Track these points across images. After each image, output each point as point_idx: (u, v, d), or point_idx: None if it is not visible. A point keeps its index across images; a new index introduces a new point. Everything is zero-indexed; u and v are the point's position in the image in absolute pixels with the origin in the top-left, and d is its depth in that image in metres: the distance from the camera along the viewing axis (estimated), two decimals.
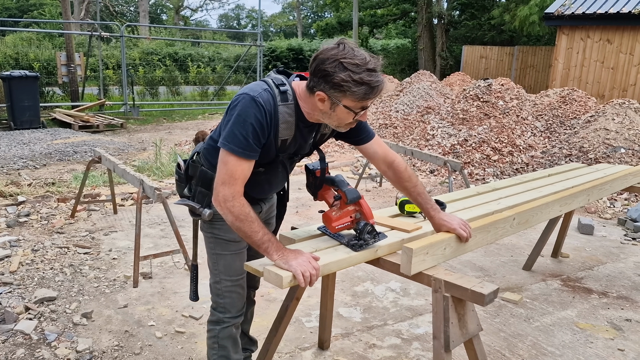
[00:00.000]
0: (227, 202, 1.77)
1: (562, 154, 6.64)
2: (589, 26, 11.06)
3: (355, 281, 3.70)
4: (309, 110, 1.84)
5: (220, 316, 2.12)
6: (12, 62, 17.05)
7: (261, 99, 1.76)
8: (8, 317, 2.95)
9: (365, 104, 1.76)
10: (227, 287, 2.09)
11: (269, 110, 1.78)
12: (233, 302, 2.11)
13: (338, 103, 1.73)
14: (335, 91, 1.71)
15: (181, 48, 23.32)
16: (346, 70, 1.67)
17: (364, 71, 1.68)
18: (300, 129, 1.89)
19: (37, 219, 4.73)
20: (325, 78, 1.71)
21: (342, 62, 1.67)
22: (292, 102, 1.83)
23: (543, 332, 3.05)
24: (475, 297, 1.83)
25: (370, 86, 1.69)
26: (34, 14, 32.39)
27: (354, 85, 1.67)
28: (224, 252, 2.08)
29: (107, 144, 8.89)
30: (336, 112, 1.76)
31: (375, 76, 1.70)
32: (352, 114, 1.77)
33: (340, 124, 1.83)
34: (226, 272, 2.08)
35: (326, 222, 2.05)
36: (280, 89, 1.82)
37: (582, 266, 4.09)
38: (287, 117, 1.83)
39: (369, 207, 2.00)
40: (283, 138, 1.86)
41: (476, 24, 22.02)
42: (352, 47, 1.72)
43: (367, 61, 1.69)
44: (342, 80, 1.67)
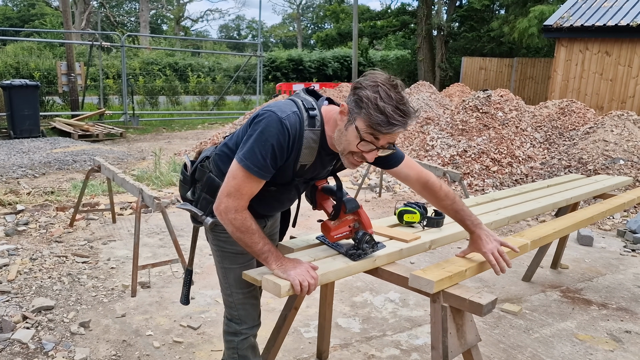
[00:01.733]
0: (228, 214, 1.75)
1: (561, 165, 6.65)
2: (587, 38, 11.13)
3: (354, 291, 3.69)
4: (329, 127, 1.79)
5: (237, 328, 2.09)
6: (13, 71, 17.15)
7: (288, 122, 1.70)
8: (5, 326, 2.93)
9: (376, 135, 1.65)
10: (239, 299, 2.06)
11: (294, 135, 1.72)
12: (248, 314, 2.09)
13: (352, 121, 1.66)
14: (355, 105, 1.66)
15: (181, 58, 23.45)
16: (376, 94, 1.61)
17: (393, 106, 1.60)
18: (321, 156, 1.84)
19: (35, 228, 4.72)
20: (355, 90, 1.67)
21: (379, 86, 1.62)
22: (319, 128, 1.78)
23: (542, 343, 3.03)
24: (473, 308, 1.83)
25: (389, 120, 1.60)
26: (35, 23, 32.59)
27: (374, 108, 1.60)
28: (232, 266, 2.04)
29: (107, 153, 8.90)
30: (347, 131, 1.69)
31: (400, 116, 1.61)
32: (357, 140, 1.67)
33: (345, 149, 1.73)
34: (237, 285, 2.05)
35: (325, 232, 2.05)
36: (309, 114, 1.77)
37: (581, 277, 4.09)
38: (311, 143, 1.77)
39: (368, 217, 2.00)
40: (303, 163, 1.82)
41: (475, 35, 22.17)
42: (399, 85, 1.65)
43: (403, 102, 1.62)
44: (365, 97, 1.62)
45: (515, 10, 18.12)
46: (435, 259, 4.26)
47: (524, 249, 2.33)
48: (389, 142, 1.70)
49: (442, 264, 2.01)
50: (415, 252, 2.25)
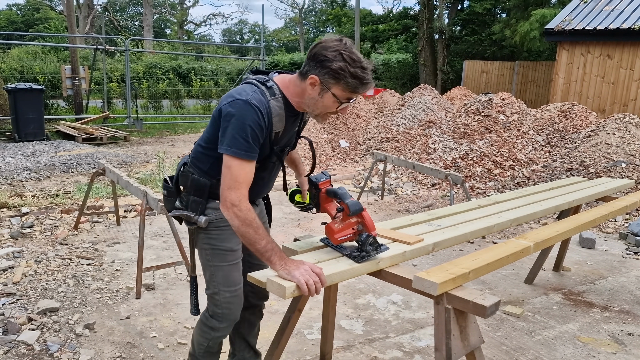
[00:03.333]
0: (234, 206, 1.82)
1: (563, 168, 6.66)
2: (589, 42, 11.14)
3: (356, 293, 3.70)
4: (297, 98, 1.95)
5: (217, 325, 2.14)
6: (18, 75, 17.22)
7: (254, 101, 1.85)
8: (11, 328, 2.95)
9: (351, 96, 1.88)
10: (225, 298, 2.11)
11: (264, 109, 1.87)
12: (231, 313, 2.13)
13: (328, 90, 1.86)
14: (329, 77, 1.83)
15: (184, 62, 23.52)
16: (344, 61, 1.80)
17: (359, 67, 1.82)
18: (288, 120, 2.00)
19: (40, 230, 4.75)
20: (322, 63, 1.82)
21: (342, 53, 1.80)
22: (279, 95, 1.94)
23: (545, 345, 3.04)
24: (476, 309, 1.84)
25: (361, 82, 1.83)
26: (40, 27, 32.75)
27: (349, 76, 1.81)
28: (221, 264, 2.09)
29: (111, 156, 8.94)
30: (323, 98, 1.88)
31: (367, 74, 1.84)
32: (337, 104, 1.89)
33: (322, 111, 1.93)
34: (225, 284, 2.10)
35: (328, 234, 2.08)
36: (266, 85, 1.92)
37: (583, 280, 4.09)
38: (278, 110, 1.93)
39: (371, 219, 2.02)
40: (276, 131, 1.96)
41: (477, 39, 22.19)
42: (351, 45, 1.85)
43: (362, 60, 1.84)
44: (339, 69, 1.80)
45: (516, 14, 18.14)
46: (438, 261, 4.27)
47: (527, 251, 2.35)
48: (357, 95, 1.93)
49: (445, 266, 2.03)
50: (418, 254, 2.26)
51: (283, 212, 5.77)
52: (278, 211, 5.81)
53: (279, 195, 6.69)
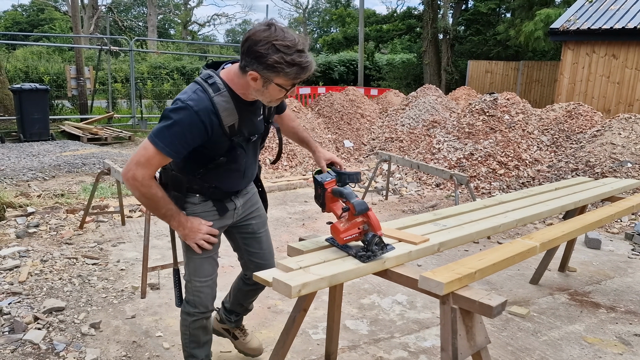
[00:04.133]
0: (136, 181, 1.94)
1: (569, 168, 6.64)
2: (594, 41, 11.11)
3: (361, 293, 3.70)
4: (243, 90, 1.98)
5: (191, 310, 2.30)
6: (23, 76, 17.29)
7: (194, 105, 1.89)
8: (17, 327, 2.97)
9: (295, 81, 1.90)
10: (196, 287, 2.26)
11: (206, 113, 1.90)
12: (201, 301, 2.28)
13: (270, 82, 1.87)
14: (268, 71, 1.84)
15: (189, 62, 23.56)
16: (278, 52, 1.79)
17: (295, 52, 1.81)
18: (243, 111, 2.02)
19: (46, 230, 4.77)
20: (258, 59, 1.83)
21: (275, 44, 1.79)
22: (224, 90, 1.96)
23: (551, 346, 3.03)
24: (483, 309, 1.84)
25: (301, 67, 1.83)
26: (45, 28, 32.86)
27: (287, 66, 1.81)
28: (194, 256, 2.22)
29: (115, 156, 8.96)
30: (268, 89, 1.90)
31: (305, 57, 1.84)
32: (283, 91, 1.92)
33: (272, 99, 1.97)
34: (195, 274, 2.24)
35: (334, 234, 2.07)
36: (209, 82, 1.95)
37: (589, 280, 4.08)
38: (224, 105, 1.95)
39: (377, 219, 2.02)
40: (229, 124, 1.99)
41: (481, 39, 22.14)
42: (282, 29, 1.84)
43: (297, 42, 1.82)
44: (275, 62, 1.80)
45: (521, 14, 18.09)
46: (443, 261, 4.27)
47: (533, 251, 2.34)
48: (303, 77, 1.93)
49: (451, 265, 2.03)
50: (424, 254, 2.26)
51: (287, 212, 5.77)
52: (282, 211, 5.81)
53: (283, 195, 6.69)
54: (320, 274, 1.88)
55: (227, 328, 2.77)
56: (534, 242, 2.38)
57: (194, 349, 2.38)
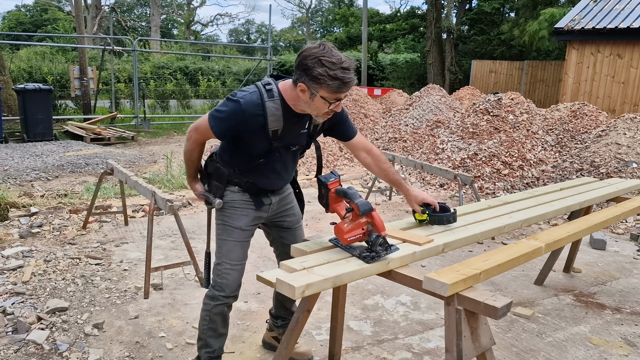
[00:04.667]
0: (187, 139, 2.31)
1: (573, 168, 6.61)
2: (599, 41, 11.05)
3: (365, 294, 3.68)
4: (294, 101, 2.15)
5: (216, 294, 2.39)
6: (26, 76, 17.34)
7: (244, 102, 2.12)
8: (20, 327, 2.96)
9: (338, 96, 2.05)
10: (225, 269, 2.37)
11: (250, 111, 2.12)
12: (228, 283, 2.37)
13: (316, 94, 2.04)
14: (313, 83, 2.01)
15: (192, 62, 23.58)
16: (323, 67, 1.98)
17: (339, 69, 1.98)
18: (288, 120, 2.19)
19: (49, 230, 4.77)
20: (306, 72, 2.02)
21: (321, 59, 1.98)
22: (277, 98, 2.16)
23: (556, 347, 3.01)
24: (488, 311, 1.82)
25: (342, 81, 2.00)
26: (48, 28, 32.94)
27: (329, 79, 1.98)
28: (228, 239, 2.37)
29: (119, 156, 8.97)
30: (314, 101, 2.07)
31: (348, 73, 2.01)
32: (327, 104, 2.06)
33: (319, 113, 2.12)
34: (227, 256, 2.37)
35: (338, 234, 2.06)
36: (266, 88, 2.17)
37: (594, 281, 4.05)
38: (274, 111, 2.15)
39: (381, 219, 2.01)
40: (273, 129, 2.18)
41: (485, 39, 22.09)
42: (331, 48, 2.03)
43: (342, 61, 2.01)
44: (319, 74, 1.98)
45: (525, 13, 18.04)
46: (447, 262, 4.25)
47: (538, 252, 2.32)
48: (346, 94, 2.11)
49: (455, 266, 2.01)
50: (428, 255, 2.25)
51: None
52: None
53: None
54: (324, 274, 1.87)
55: (276, 336, 2.84)
56: (539, 242, 2.36)
57: (210, 337, 2.45)
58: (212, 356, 2.48)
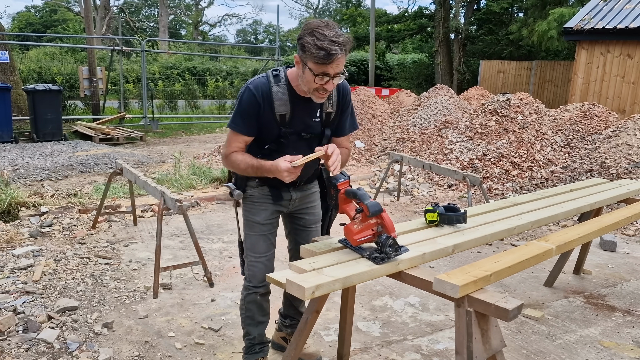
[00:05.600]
0: (223, 158, 2.33)
1: (583, 169, 6.56)
2: (609, 41, 10.97)
3: (373, 295, 3.68)
4: (296, 81, 2.19)
5: (246, 284, 2.51)
6: (36, 76, 17.46)
7: (252, 85, 2.20)
8: (31, 326, 2.98)
9: (324, 70, 2.02)
10: (250, 261, 2.47)
11: (260, 92, 2.18)
12: (255, 274, 2.46)
13: (305, 64, 2.04)
14: (302, 52, 2.04)
15: (200, 62, 23.65)
16: (312, 36, 1.98)
17: (328, 40, 1.97)
18: (296, 104, 2.23)
19: (59, 230, 4.80)
20: (299, 41, 2.06)
21: (315, 30, 1.99)
22: (284, 82, 2.21)
23: (566, 350, 2.99)
24: (499, 313, 1.81)
25: (328, 52, 1.97)
26: (57, 29, 33.16)
27: (314, 48, 1.97)
28: (250, 232, 2.45)
29: (127, 156, 9.02)
30: (305, 74, 2.08)
31: (336, 46, 1.98)
32: (313, 77, 2.04)
33: (309, 88, 2.11)
34: (251, 249, 2.46)
35: (347, 235, 2.06)
36: (273, 74, 2.23)
37: (605, 283, 4.02)
38: (280, 95, 2.20)
39: (391, 220, 2.00)
40: (280, 113, 2.22)
41: (494, 39, 21.98)
42: (331, 25, 2.02)
43: (336, 36, 1.99)
44: (306, 42, 2.00)
45: (534, 13, 17.93)
46: (455, 263, 4.23)
47: (549, 254, 2.31)
48: (336, 71, 2.05)
49: (466, 268, 2.00)
50: (438, 256, 2.24)
51: None
52: None
53: None
54: (333, 275, 1.87)
55: (284, 336, 2.86)
56: (549, 244, 2.34)
57: (249, 325, 2.56)
58: (253, 343, 2.59)
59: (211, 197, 6.15)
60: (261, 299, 2.52)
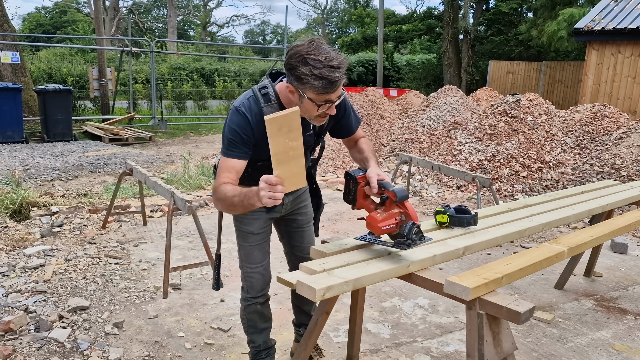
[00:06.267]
0: (213, 193, 2.07)
1: (594, 170, 6.51)
2: (620, 41, 10.88)
3: (382, 297, 3.67)
4: (288, 103, 2.05)
5: (244, 295, 2.47)
6: (46, 77, 17.61)
7: (243, 108, 2.06)
8: (42, 325, 3.01)
9: (327, 98, 1.91)
10: (246, 272, 2.42)
11: (252, 115, 2.04)
12: (252, 285, 2.42)
13: (304, 95, 1.91)
14: (299, 84, 1.89)
15: (208, 63, 23.75)
16: (307, 65, 1.84)
17: (325, 67, 1.83)
18: None
19: (70, 229, 4.83)
20: (291, 72, 1.90)
21: (306, 57, 1.85)
22: (274, 101, 2.08)
23: (577, 353, 2.97)
24: (510, 315, 1.80)
25: (329, 81, 1.85)
26: (67, 30, 33.41)
27: (313, 79, 1.84)
28: (243, 243, 2.39)
29: (137, 156, 9.06)
30: (303, 103, 1.94)
31: (336, 72, 1.85)
32: (315, 107, 1.93)
33: (310, 116, 2.01)
34: (245, 260, 2.41)
35: (371, 224, 2.00)
36: (261, 92, 2.09)
37: (616, 286, 3.99)
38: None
39: (414, 209, 1.99)
40: None
41: (503, 39, 21.88)
42: (319, 44, 1.88)
43: (331, 59, 1.85)
44: (302, 74, 1.85)
45: (544, 14, 17.84)
46: (465, 265, 4.21)
47: (561, 256, 2.29)
48: (338, 95, 1.95)
49: (477, 270, 1.99)
50: (448, 258, 2.23)
51: None
52: None
53: None
54: (344, 277, 1.87)
55: None
56: (561, 246, 2.32)
57: (252, 333, 2.54)
58: (258, 350, 2.57)
59: None
60: (262, 308, 2.48)
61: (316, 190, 2.55)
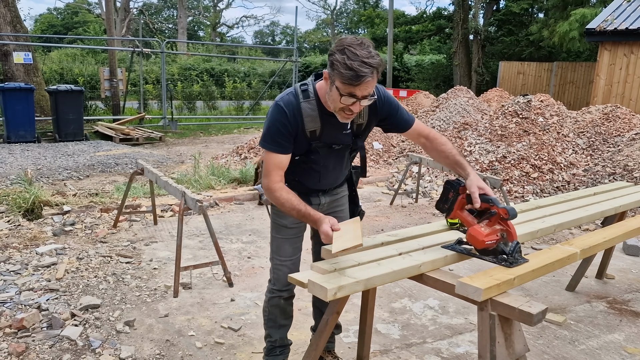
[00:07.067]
0: (266, 191, 2.17)
1: (606, 172, 6.46)
2: (632, 42, 10.78)
3: (392, 297, 3.66)
4: (324, 98, 2.10)
5: (270, 287, 2.50)
6: (58, 77, 17.78)
7: (282, 102, 2.12)
8: (55, 323, 3.03)
9: (351, 91, 1.92)
10: (275, 264, 2.46)
11: (291, 110, 2.10)
12: (279, 277, 2.44)
13: (333, 83, 1.96)
14: (331, 70, 1.94)
15: (218, 64, 23.85)
16: (343, 55, 1.88)
17: (358, 61, 1.86)
18: (327, 120, 2.15)
19: (81, 228, 4.87)
20: (329, 57, 1.96)
21: (346, 48, 1.89)
22: (313, 98, 2.13)
23: (589, 355, 2.95)
24: (523, 317, 1.80)
25: (357, 74, 1.87)
26: (79, 30, 33.69)
27: (343, 67, 1.87)
28: (277, 235, 2.44)
29: (147, 156, 9.11)
30: (332, 92, 1.99)
31: (366, 68, 1.87)
32: (339, 97, 1.95)
33: (335, 107, 2.03)
34: (277, 252, 2.45)
35: (475, 237, 2.03)
36: (301, 89, 2.14)
37: (628, 288, 3.95)
38: (309, 112, 2.12)
39: (514, 227, 2.04)
40: (310, 129, 2.15)
41: (514, 40, 21.76)
42: (364, 43, 1.91)
43: (369, 56, 1.88)
44: (335, 60, 1.90)
45: (555, 14, 17.72)
46: (475, 267, 4.19)
47: (573, 258, 2.28)
48: (364, 94, 1.94)
49: (489, 271, 1.99)
50: (460, 259, 2.22)
51: None
52: None
53: None
54: (355, 277, 1.87)
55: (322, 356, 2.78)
56: (574, 248, 2.31)
57: (270, 327, 2.56)
58: (274, 345, 2.59)
59: (230, 197, 6.19)
60: (285, 303, 2.50)
61: (354, 197, 2.56)
